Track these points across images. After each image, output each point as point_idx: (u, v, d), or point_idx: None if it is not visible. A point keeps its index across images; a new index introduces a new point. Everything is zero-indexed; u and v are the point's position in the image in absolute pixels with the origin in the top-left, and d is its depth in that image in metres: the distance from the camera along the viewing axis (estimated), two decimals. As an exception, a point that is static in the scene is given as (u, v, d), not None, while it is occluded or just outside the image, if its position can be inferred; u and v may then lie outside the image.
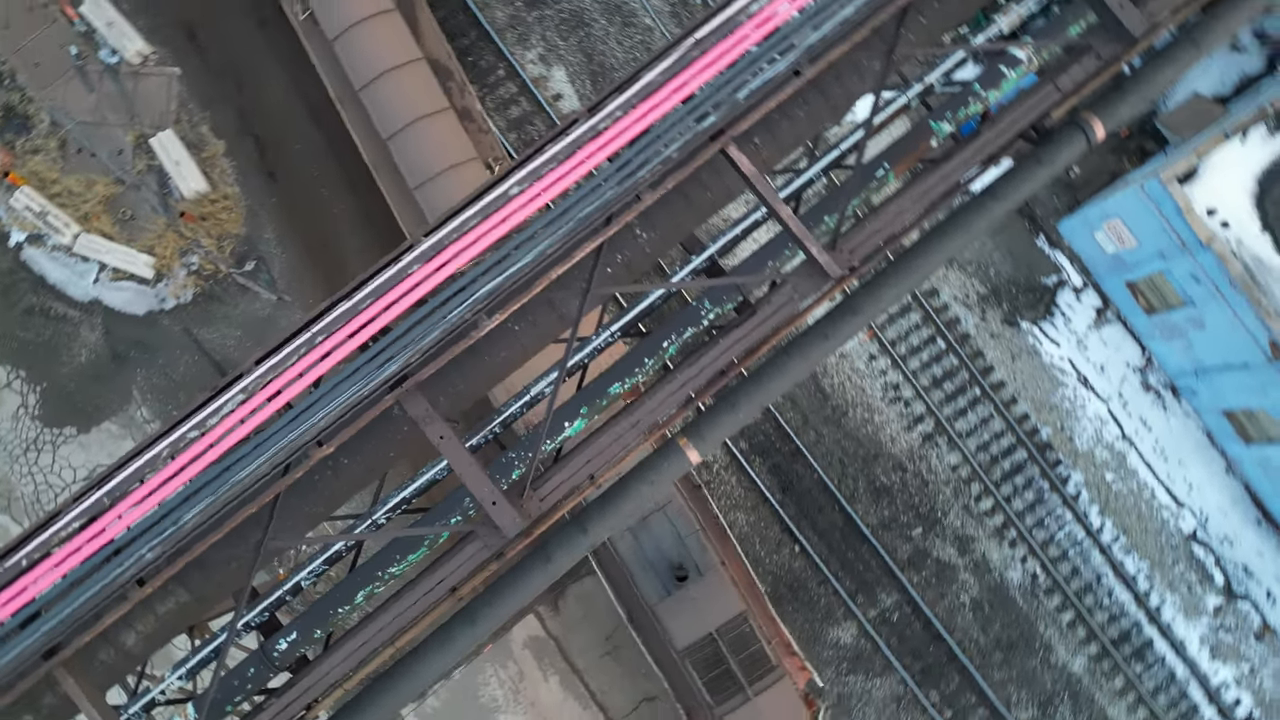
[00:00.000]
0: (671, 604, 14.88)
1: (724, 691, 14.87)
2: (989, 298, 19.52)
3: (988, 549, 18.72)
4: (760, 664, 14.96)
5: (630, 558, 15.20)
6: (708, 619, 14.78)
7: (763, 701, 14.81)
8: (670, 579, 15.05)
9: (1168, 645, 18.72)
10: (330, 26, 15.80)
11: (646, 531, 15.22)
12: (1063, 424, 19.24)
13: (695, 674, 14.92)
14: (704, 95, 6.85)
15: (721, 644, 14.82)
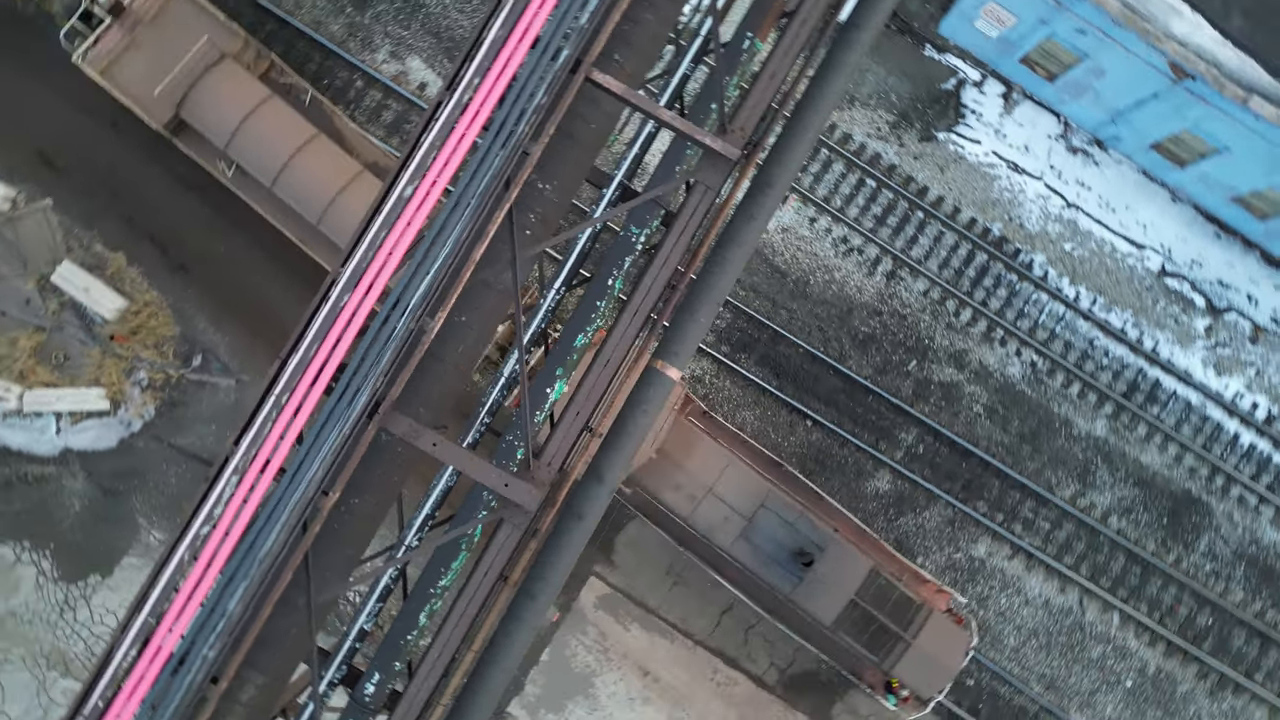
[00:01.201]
0: (806, 588, 15.22)
1: (884, 645, 15.37)
2: (899, 123, 19.66)
3: (982, 355, 19.20)
4: (905, 608, 15.43)
5: (752, 561, 15.42)
6: (844, 588, 15.15)
7: (923, 641, 15.31)
8: (796, 566, 15.35)
9: (1174, 379, 19.39)
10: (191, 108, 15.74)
11: (757, 532, 15.39)
12: (1009, 215, 19.58)
13: (852, 640, 15.36)
14: (549, 32, 6.86)
15: (864, 605, 15.25)
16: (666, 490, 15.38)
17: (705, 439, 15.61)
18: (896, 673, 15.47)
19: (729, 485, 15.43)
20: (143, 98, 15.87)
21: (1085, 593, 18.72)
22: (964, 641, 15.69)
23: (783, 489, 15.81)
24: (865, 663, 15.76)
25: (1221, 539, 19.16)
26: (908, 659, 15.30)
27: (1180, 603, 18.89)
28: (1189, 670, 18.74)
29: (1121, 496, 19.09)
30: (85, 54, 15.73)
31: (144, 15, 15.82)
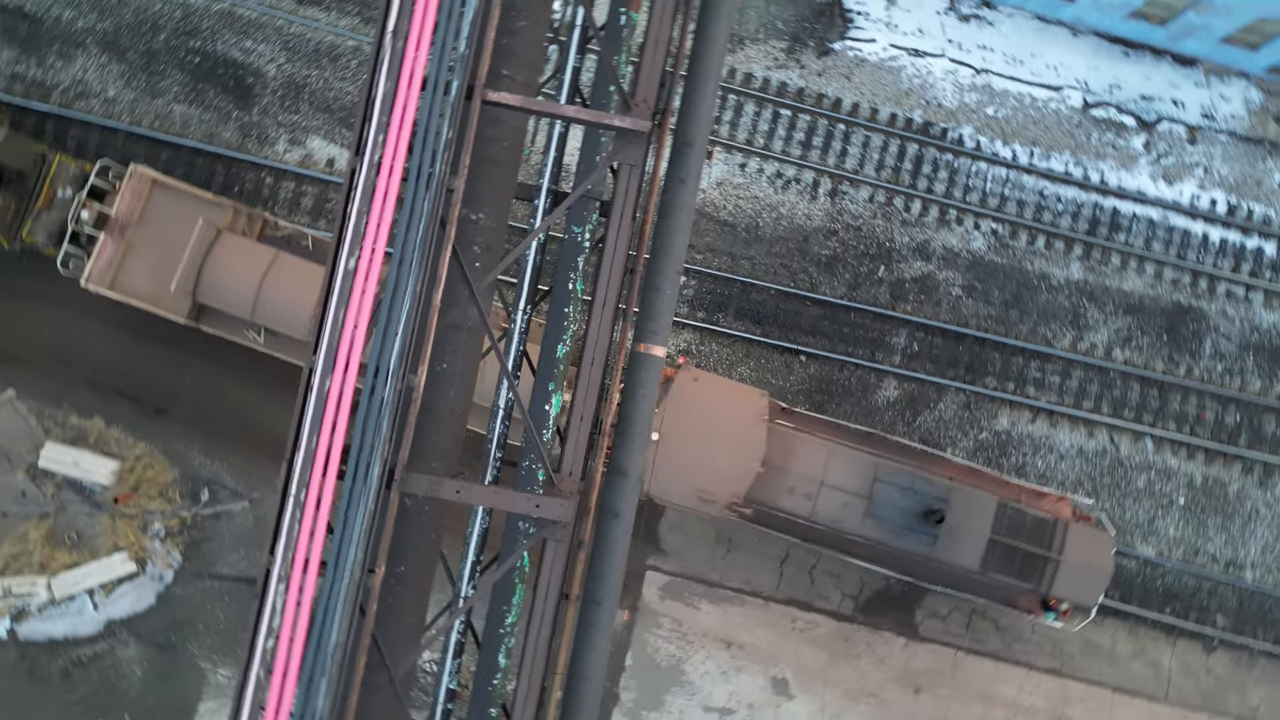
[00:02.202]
0: (944, 543, 15.16)
1: (1035, 571, 15.33)
2: (793, 47, 19.80)
3: (943, 240, 19.41)
4: (1041, 529, 15.40)
5: (885, 535, 15.37)
6: (979, 530, 15.10)
7: (1070, 554, 15.26)
8: (928, 525, 15.28)
9: (1130, 203, 19.67)
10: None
11: (880, 507, 15.30)
12: (925, 99, 19.77)
13: (1004, 577, 15.34)
14: (433, 70, 6.95)
15: (1003, 539, 15.20)
16: (782, 497, 15.36)
17: (801, 437, 15.58)
18: (1054, 592, 15.45)
19: (837, 472, 15.37)
20: (160, 297, 15.64)
21: (1112, 430, 19.01)
22: (1107, 542, 15.79)
23: (888, 457, 15.80)
24: (1020, 592, 15.77)
25: (1223, 337, 19.48)
26: (1061, 576, 15.29)
27: (1205, 409, 19.21)
28: (1233, 470, 19.07)
29: (1117, 329, 19.38)
30: (89, 275, 15.51)
31: (130, 219, 15.58)
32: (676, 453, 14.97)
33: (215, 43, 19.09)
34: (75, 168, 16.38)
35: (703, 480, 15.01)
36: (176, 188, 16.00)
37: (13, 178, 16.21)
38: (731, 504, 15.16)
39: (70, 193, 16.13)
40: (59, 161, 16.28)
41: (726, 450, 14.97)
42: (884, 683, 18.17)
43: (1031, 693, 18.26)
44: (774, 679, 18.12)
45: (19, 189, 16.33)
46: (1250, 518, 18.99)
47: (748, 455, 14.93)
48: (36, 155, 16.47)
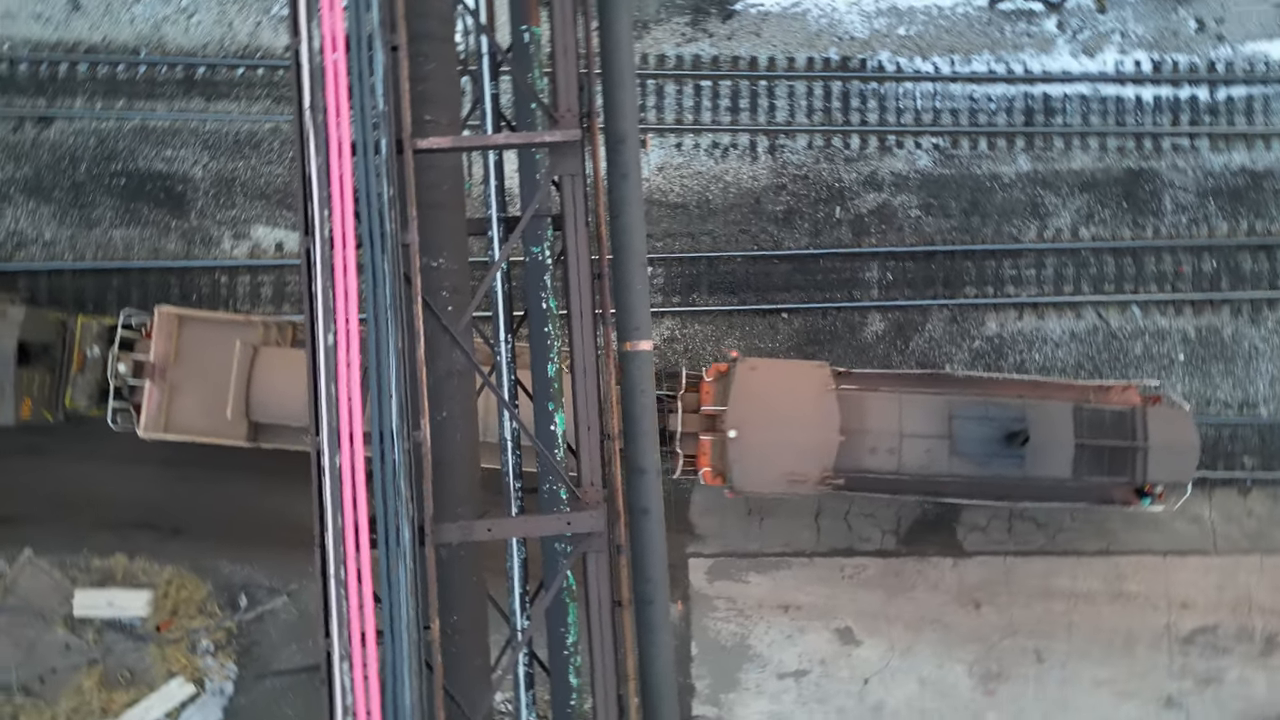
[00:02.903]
0: (1034, 461, 15.19)
1: (1126, 463, 15.42)
2: (696, 19, 19.90)
3: (889, 167, 19.58)
4: (1120, 421, 15.49)
5: (976, 469, 15.30)
6: (1063, 440, 15.18)
7: (1155, 438, 15.36)
8: (1014, 449, 15.23)
9: (1058, 85, 19.88)
10: None
11: (963, 443, 15.21)
12: (836, 35, 19.92)
13: (1099, 477, 15.40)
14: (359, 133, 7.03)
15: (1089, 442, 15.30)
16: (867, 459, 15.39)
17: (868, 396, 15.62)
18: (1149, 478, 15.55)
19: (913, 420, 15.41)
20: (217, 427, 15.54)
21: (1097, 307, 19.24)
22: (1185, 416, 15.96)
23: (955, 392, 15.87)
24: (1114, 487, 15.86)
25: (1180, 190, 19.74)
26: (1152, 461, 15.41)
27: (1180, 264, 19.47)
28: (1222, 315, 19.34)
29: (1077, 209, 19.61)
30: (144, 424, 15.42)
31: (167, 360, 15.48)
32: (756, 443, 15.02)
33: (136, 160, 19.05)
34: (98, 325, 16.39)
35: (789, 463, 15.03)
36: (204, 318, 15.97)
37: (39, 352, 16.19)
38: (823, 479, 15.19)
39: (98, 350, 16.15)
40: (81, 323, 16.28)
41: (804, 428, 15.01)
42: (943, 606, 18.37)
43: (1086, 578, 18.49)
44: (837, 630, 18.29)
45: (49, 361, 16.31)
46: (1251, 356, 19.26)
47: (826, 427, 14.98)
48: (57, 323, 16.46)
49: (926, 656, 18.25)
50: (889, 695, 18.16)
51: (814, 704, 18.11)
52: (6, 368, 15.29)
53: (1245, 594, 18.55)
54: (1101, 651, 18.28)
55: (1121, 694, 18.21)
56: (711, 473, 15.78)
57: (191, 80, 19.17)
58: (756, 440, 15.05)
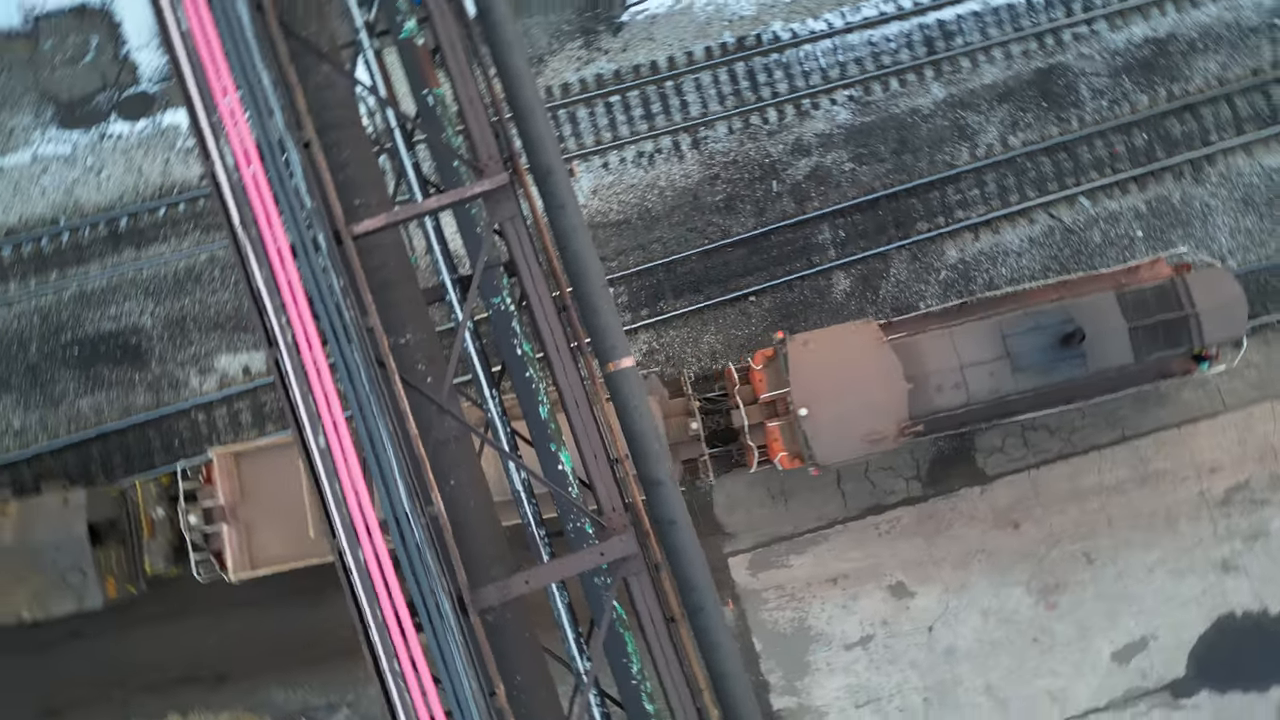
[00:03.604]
0: (1095, 356, 15.37)
1: (1180, 334, 15.66)
2: (589, 40, 20.10)
3: (811, 129, 19.80)
4: (1164, 295, 15.69)
5: (1042, 379, 15.43)
6: (1116, 327, 15.38)
7: (1202, 303, 15.56)
8: (1072, 349, 15.36)
9: (948, 7, 20.20)
10: None
11: (1022, 357, 15.33)
12: (726, 19, 20.18)
13: (1160, 352, 15.60)
14: (295, 237, 7.05)
15: (1140, 323, 15.48)
16: (936, 399, 15.48)
17: (917, 339, 15.69)
18: (1206, 341, 15.78)
19: (969, 350, 15.50)
20: (302, 549, 15.22)
21: (1046, 208, 19.50)
22: (1222, 272, 16.24)
23: (1001, 311, 16.01)
24: (1174, 359, 16.07)
25: (1092, 76, 20.08)
26: (1206, 325, 15.65)
27: (1113, 145, 19.78)
28: (1166, 183, 19.65)
29: (1001, 120, 19.89)
30: (233, 566, 15.20)
31: (235, 499, 15.32)
32: (829, 415, 15.09)
33: (84, 326, 18.94)
34: (155, 486, 16.25)
35: (866, 425, 15.12)
36: (258, 447, 15.80)
37: (108, 528, 16.04)
38: (901, 430, 15.27)
39: (162, 511, 16.02)
40: (140, 489, 16.13)
41: (871, 386, 15.12)
42: (983, 535, 18.43)
43: (1111, 470, 18.63)
44: (889, 587, 18.30)
45: (119, 534, 16.18)
46: (1204, 214, 19.56)
47: (891, 380, 15.11)
48: (117, 496, 16.32)
49: (981, 588, 18.29)
50: (956, 636, 18.16)
51: (886, 666, 18.08)
52: (84, 553, 15.20)
53: (1266, 442, 18.74)
54: (1145, 536, 18.39)
55: (1176, 572, 18.30)
56: (788, 456, 15.80)
57: (117, 233, 19.11)
58: (829, 411, 15.10)
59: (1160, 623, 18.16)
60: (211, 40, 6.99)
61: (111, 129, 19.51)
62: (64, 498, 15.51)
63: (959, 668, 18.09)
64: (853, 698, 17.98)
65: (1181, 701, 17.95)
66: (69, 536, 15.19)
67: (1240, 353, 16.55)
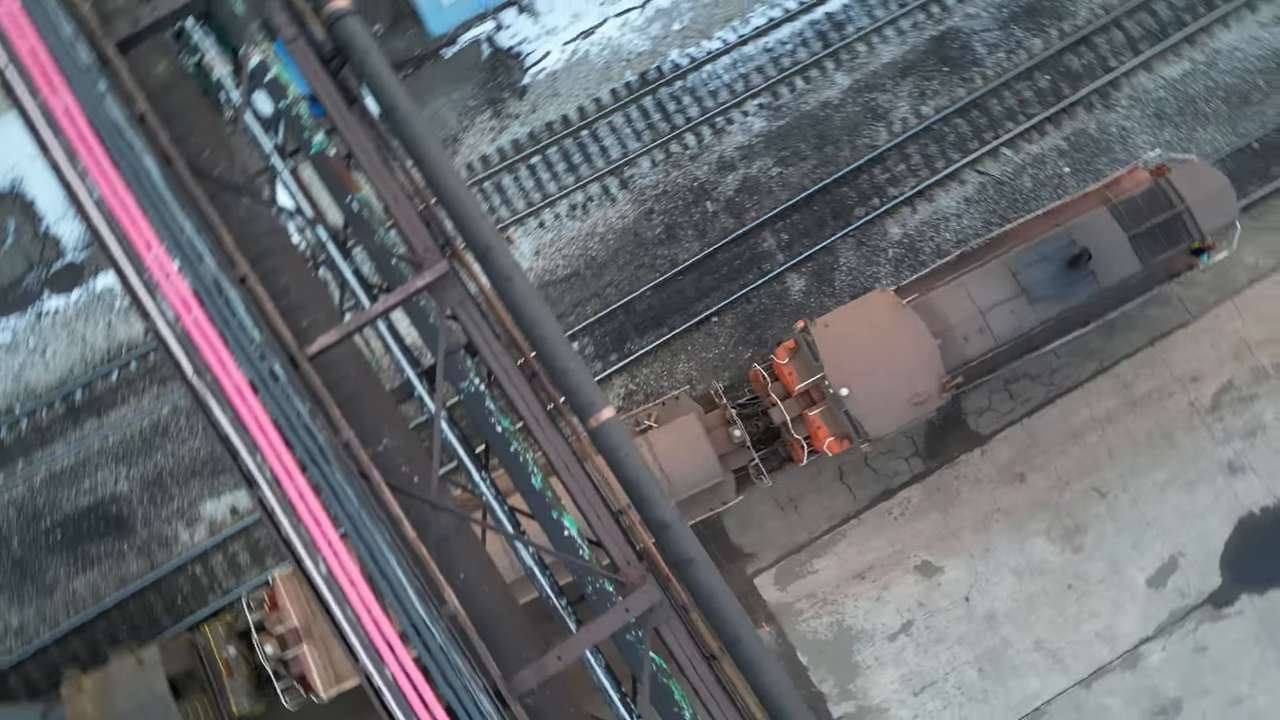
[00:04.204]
0: (1104, 271, 15.72)
1: (1179, 230, 16.07)
2: (497, 110, 20.33)
3: (730, 144, 20.10)
4: (1153, 198, 16.12)
5: (1060, 306, 15.72)
6: (1117, 239, 15.75)
7: (1191, 197, 15.99)
8: (1082, 271, 15.65)
9: (833, 1, 20.71)
10: None
11: (1036, 288, 15.62)
12: (624, 60, 20.52)
13: (1163, 252, 15.99)
14: (251, 372, 6.99)
15: (1138, 229, 15.84)
16: (965, 349, 15.65)
17: (935, 296, 15.85)
18: (1204, 231, 16.20)
19: (984, 294, 15.71)
20: None
21: (971, 165, 19.88)
22: (1200, 163, 16.66)
23: (1005, 249, 16.24)
24: (1177, 257, 16.43)
25: (983, 33, 20.63)
26: (1199, 216, 16.05)
27: (1021, 92, 20.26)
28: (1078, 116, 20.14)
29: (908, 94, 20.33)
30: (320, 685, 14.64)
31: (308, 618, 14.87)
32: (869, 389, 15.13)
33: (61, 507, 18.57)
34: (222, 626, 15.83)
35: (908, 389, 15.19)
36: None
37: (185, 680, 15.54)
38: (942, 386, 15.34)
39: (234, 649, 15.56)
40: (209, 633, 15.67)
41: (903, 351, 15.23)
42: (994, 494, 18.48)
43: (1098, 402, 18.83)
44: (916, 568, 18.24)
45: (198, 683, 15.68)
46: (1123, 137, 20.04)
47: (921, 339, 15.25)
48: (188, 645, 15.85)
49: (1005, 548, 18.29)
50: (993, 600, 18.11)
51: (934, 646, 17.96)
52: (170, 710, 14.71)
53: (1238, 339, 19.05)
54: (1149, 459, 18.54)
55: (1187, 485, 18.45)
56: (835, 440, 15.82)
57: (75, 408, 18.85)
58: (869, 386, 15.16)
59: (1185, 538, 18.25)
60: (126, 201, 6.97)
61: (47, 306, 19.33)
62: (137, 658, 15.05)
63: (1003, 630, 18.01)
64: (908, 686, 17.82)
65: (1224, 610, 17.99)
66: (152, 697, 14.72)
67: (1236, 235, 16.93)
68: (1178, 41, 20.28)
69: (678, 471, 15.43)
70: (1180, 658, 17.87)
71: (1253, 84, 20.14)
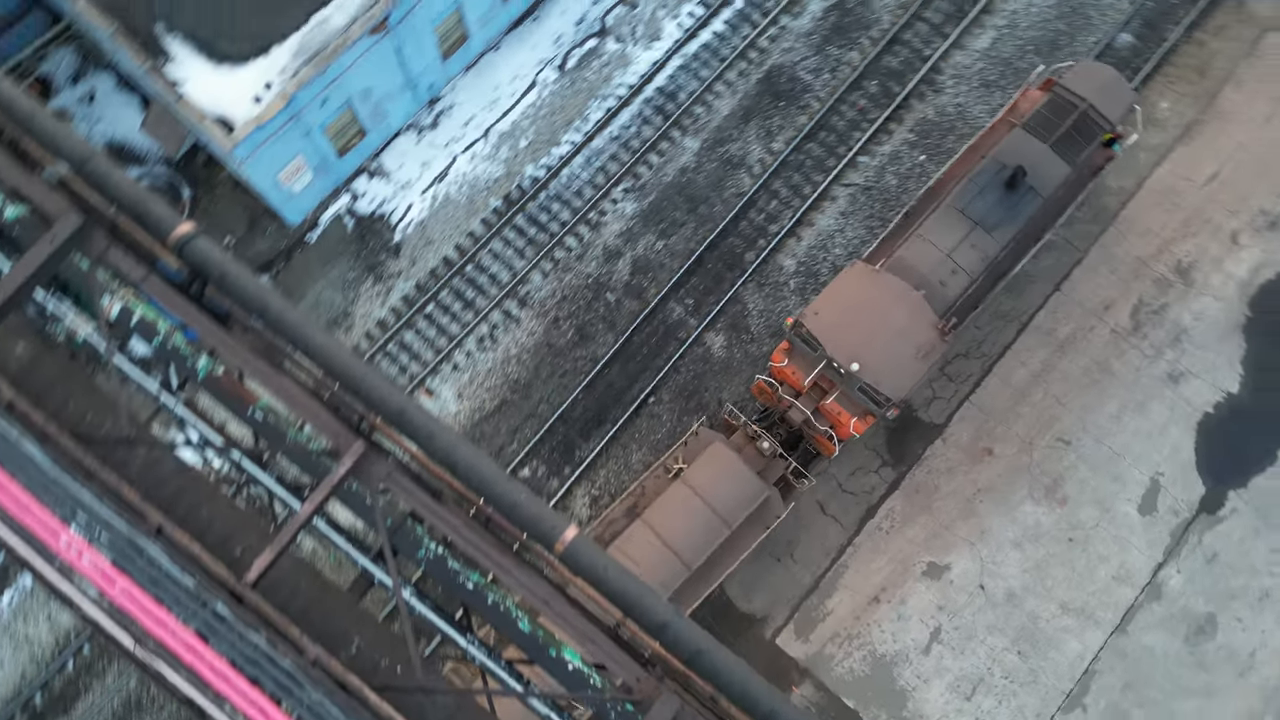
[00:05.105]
0: (1040, 182, 16.46)
1: (1092, 127, 17.03)
2: (378, 272, 20.36)
3: (610, 233, 20.46)
4: (1057, 106, 17.22)
5: (1016, 223, 16.35)
6: (1040, 152, 16.62)
7: (1089, 94, 17.00)
8: (1021, 187, 16.36)
9: (660, 74, 21.55)
10: None
11: (989, 217, 16.29)
12: (486, 189, 20.87)
13: (1083, 152, 16.81)
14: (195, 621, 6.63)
15: (1056, 136, 16.72)
16: (948, 293, 16.05)
17: (902, 252, 16.25)
18: (1113, 121, 17.09)
19: (943, 237, 16.29)
20: None
21: (836, 181, 20.61)
22: (1087, 64, 17.82)
23: (946, 193, 16.84)
24: (1097, 153, 17.39)
25: (804, 61, 21.67)
26: (1102, 107, 16.99)
27: (855, 104, 21.21)
28: (914, 108, 21.16)
29: (757, 136, 21.09)
30: None
31: None
32: (876, 357, 15.39)
33: (48, 817, 17.21)
34: None
35: (910, 346, 15.46)
36: None
37: None
38: (941, 331, 15.64)
39: None
40: None
41: (894, 312, 15.57)
42: (968, 477, 18.61)
43: (1030, 357, 19.30)
44: (924, 573, 18.11)
45: None
46: (960, 112, 21.06)
47: (906, 296, 15.65)
48: None
49: (998, 524, 18.34)
50: (1006, 580, 18.04)
51: (968, 645, 17.72)
52: None
53: (1130, 257, 19.85)
54: (1095, 394, 18.98)
55: (1138, 407, 18.89)
56: (859, 420, 16.00)
57: (37, 714, 17.63)
58: (875, 354, 15.41)
59: (1157, 458, 18.59)
60: (18, 495, 6.66)
61: (-23, 614, 18.27)
62: None
63: (1027, 605, 17.91)
64: (958, 693, 17.47)
65: (1219, 514, 18.26)
66: None
67: (1139, 117, 18.07)
68: (976, 15, 21.62)
69: (723, 500, 15.52)
70: (1197, 573, 17.99)
71: (1055, 29, 21.52)
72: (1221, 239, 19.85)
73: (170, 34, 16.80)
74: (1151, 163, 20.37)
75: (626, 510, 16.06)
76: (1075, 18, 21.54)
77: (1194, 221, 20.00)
